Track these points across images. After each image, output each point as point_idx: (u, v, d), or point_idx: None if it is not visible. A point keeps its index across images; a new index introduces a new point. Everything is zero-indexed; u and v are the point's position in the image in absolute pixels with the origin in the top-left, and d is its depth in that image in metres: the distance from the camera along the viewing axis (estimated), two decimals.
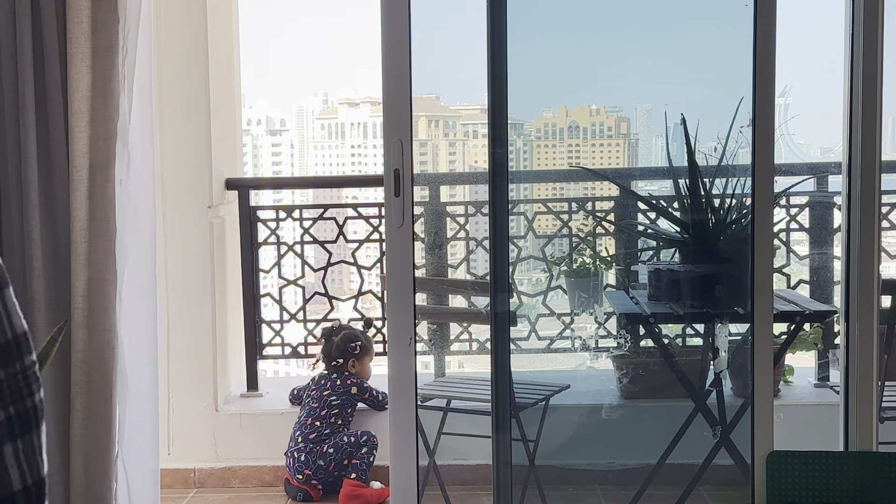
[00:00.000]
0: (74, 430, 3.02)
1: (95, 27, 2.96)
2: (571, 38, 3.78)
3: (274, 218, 4.55)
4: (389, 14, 3.07)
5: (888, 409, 3.59)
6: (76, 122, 2.97)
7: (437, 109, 5.14)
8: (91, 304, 3.01)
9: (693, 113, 3.57)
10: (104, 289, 3.02)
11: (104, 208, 3.01)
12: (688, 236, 3.70)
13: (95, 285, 3.01)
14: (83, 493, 3.03)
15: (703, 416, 3.62)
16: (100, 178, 3.00)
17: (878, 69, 3.05)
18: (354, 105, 14.10)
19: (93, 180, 2.99)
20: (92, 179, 2.99)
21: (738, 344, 3.81)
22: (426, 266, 4.40)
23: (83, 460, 3.03)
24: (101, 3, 2.96)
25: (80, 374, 3.02)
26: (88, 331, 3.01)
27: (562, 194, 4.47)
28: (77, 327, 3.00)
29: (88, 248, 2.99)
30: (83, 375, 3.02)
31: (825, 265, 4.42)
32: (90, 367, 3.02)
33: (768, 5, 3.01)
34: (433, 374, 4.37)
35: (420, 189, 4.46)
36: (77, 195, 2.99)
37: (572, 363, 4.43)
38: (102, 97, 2.98)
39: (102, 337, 3.02)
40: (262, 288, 4.55)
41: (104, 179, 3.00)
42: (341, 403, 4.21)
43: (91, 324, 3.01)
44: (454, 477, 4.08)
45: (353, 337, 4.32)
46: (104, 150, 2.99)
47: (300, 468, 4.10)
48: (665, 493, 3.66)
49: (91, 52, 2.96)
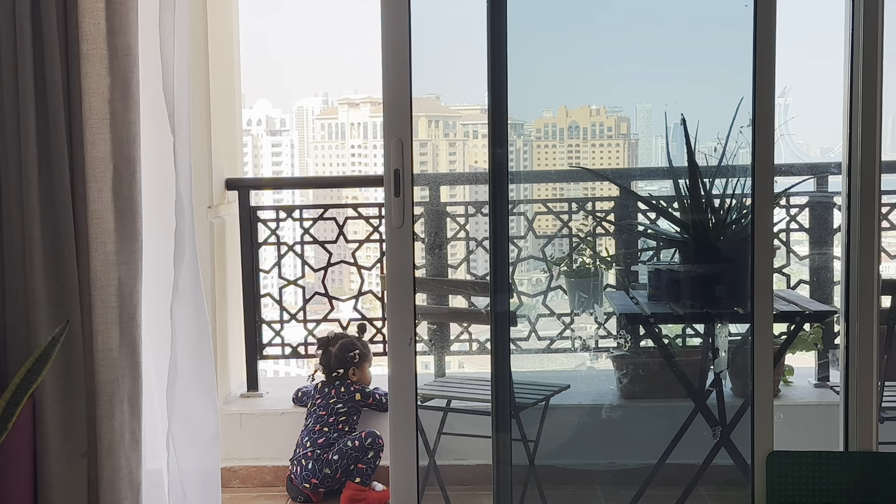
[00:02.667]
0: (115, 425, 3.08)
1: (113, 30, 2.99)
2: (571, 38, 3.78)
3: (274, 218, 4.55)
4: (389, 14, 3.07)
5: (888, 409, 3.59)
6: (96, 124, 3.01)
7: (437, 109, 5.14)
8: (123, 303, 3.08)
9: (693, 113, 3.58)
10: (134, 288, 3.09)
11: (131, 210, 3.07)
12: (688, 236, 3.70)
13: (126, 285, 3.08)
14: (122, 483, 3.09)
15: (703, 416, 3.62)
16: (125, 179, 3.06)
17: (878, 69, 3.05)
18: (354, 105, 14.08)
19: (118, 182, 3.05)
20: (117, 181, 3.05)
21: (738, 344, 3.81)
22: (426, 266, 4.40)
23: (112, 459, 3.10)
24: (117, 6, 2.99)
25: (114, 372, 3.08)
26: (121, 329, 3.08)
27: (562, 194, 4.47)
28: (110, 326, 3.07)
29: (117, 249, 3.05)
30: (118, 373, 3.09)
31: (825, 265, 4.43)
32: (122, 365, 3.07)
33: (768, 6, 3.01)
34: (433, 374, 4.37)
35: (420, 189, 4.46)
36: (101, 196, 3.04)
37: (572, 363, 4.43)
38: (123, 100, 3.02)
39: (134, 335, 3.10)
40: (262, 288, 4.55)
41: (130, 181, 3.06)
42: (348, 410, 4.23)
43: (124, 322, 3.08)
44: (454, 477, 4.08)
45: (351, 346, 4.32)
46: (128, 153, 3.05)
47: (307, 476, 4.10)
48: (665, 493, 3.67)
49: (109, 55, 3.00)
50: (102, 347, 3.06)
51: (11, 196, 3.05)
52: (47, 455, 3.05)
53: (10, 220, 3.07)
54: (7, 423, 2.82)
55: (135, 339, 3.10)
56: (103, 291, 3.05)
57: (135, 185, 3.07)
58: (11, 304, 3.09)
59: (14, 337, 3.09)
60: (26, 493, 3.04)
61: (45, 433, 3.05)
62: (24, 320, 3.07)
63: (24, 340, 3.07)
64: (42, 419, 3.05)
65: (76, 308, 3.05)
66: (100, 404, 3.07)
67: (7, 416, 2.82)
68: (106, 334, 3.06)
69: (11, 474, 2.99)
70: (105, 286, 3.05)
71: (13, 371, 3.03)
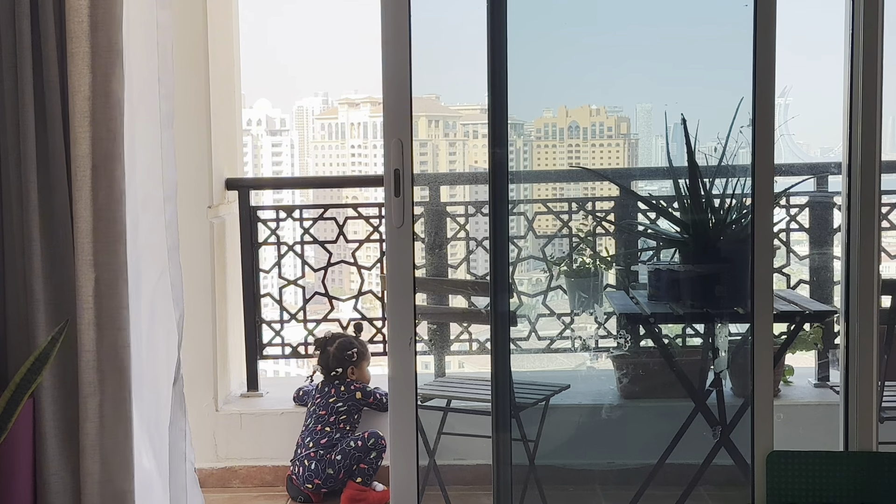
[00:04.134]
0: (89, 428, 3.01)
1: (95, 26, 2.95)
2: (571, 38, 3.78)
3: (274, 218, 4.55)
4: (389, 14, 3.07)
5: (888, 409, 3.59)
6: (79, 122, 2.96)
7: (437, 109, 5.14)
8: (101, 304, 3.00)
9: (693, 113, 3.58)
10: (115, 288, 3.00)
11: (110, 208, 2.99)
12: (688, 236, 3.70)
13: (104, 285, 2.99)
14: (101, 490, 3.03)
15: (703, 416, 3.62)
16: (104, 177, 2.99)
17: (878, 69, 3.05)
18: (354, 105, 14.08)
19: (97, 180, 2.98)
20: (96, 179, 2.97)
21: (738, 344, 3.81)
22: (426, 266, 4.40)
23: (100, 458, 3.03)
24: (100, 3, 2.95)
25: (91, 374, 3.02)
26: (99, 331, 3.01)
27: (562, 194, 4.47)
28: (86, 327, 3.00)
29: (94, 249, 2.98)
30: (97, 375, 3.02)
31: (825, 265, 4.43)
32: (103, 367, 3.03)
33: (768, 5, 3.01)
34: (433, 374, 4.37)
35: (420, 189, 4.46)
36: (81, 195, 2.97)
37: (572, 363, 4.43)
38: (104, 97, 2.97)
39: (117, 336, 3.01)
40: (262, 288, 4.55)
41: (109, 179, 2.99)
42: (348, 409, 4.23)
43: (102, 324, 3.01)
44: (454, 477, 4.08)
45: (349, 345, 4.32)
46: (108, 150, 2.98)
47: (310, 477, 4.10)
48: (665, 493, 3.67)
49: (91, 52, 2.95)
50: (82, 349, 3.00)
51: (12, 196, 3.05)
52: (45, 456, 3.04)
53: (10, 219, 3.06)
54: (7, 423, 2.82)
55: (116, 342, 3.01)
56: (82, 291, 2.98)
57: (114, 185, 2.98)
58: (11, 304, 3.09)
59: (14, 337, 3.09)
60: (26, 493, 3.04)
61: (44, 433, 3.04)
62: (23, 320, 3.06)
63: (24, 340, 3.06)
64: (42, 419, 3.04)
65: (73, 308, 3.03)
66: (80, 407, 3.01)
67: (7, 416, 2.82)
68: (85, 335, 2.99)
69: (11, 474, 2.99)
70: (84, 286, 2.98)
71: (13, 371, 3.03)
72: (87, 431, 3.01)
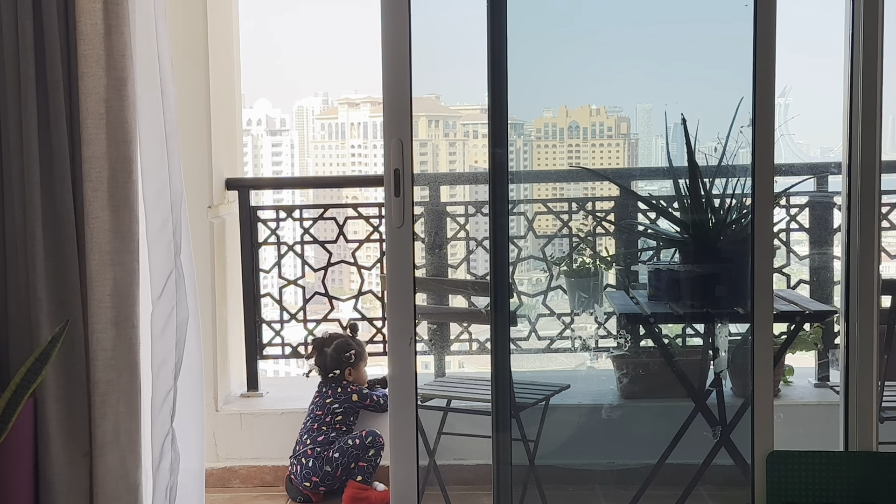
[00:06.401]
0: (107, 426, 3.07)
1: (109, 29, 2.99)
2: (571, 38, 3.79)
3: (274, 218, 4.55)
4: (389, 14, 3.07)
5: (888, 409, 3.59)
6: (93, 123, 3.01)
7: (437, 109, 5.14)
8: (118, 302, 3.06)
9: (693, 113, 3.58)
10: (130, 287, 3.08)
11: (127, 210, 3.06)
12: (688, 236, 3.70)
13: (123, 285, 3.06)
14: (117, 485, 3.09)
15: (703, 416, 3.62)
16: (121, 178, 3.05)
17: (878, 69, 3.05)
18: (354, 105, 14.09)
19: (114, 182, 3.04)
20: (113, 181, 3.04)
21: (738, 344, 3.81)
22: (426, 266, 4.40)
23: (119, 454, 3.09)
24: (113, 6, 2.98)
25: (109, 372, 3.05)
26: (117, 329, 3.07)
27: (562, 194, 4.47)
28: (104, 326, 3.05)
29: (113, 249, 3.04)
30: (114, 373, 3.06)
31: (825, 265, 4.43)
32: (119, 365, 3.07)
33: (768, 5, 3.01)
34: (433, 374, 4.37)
35: (420, 189, 4.46)
36: (97, 196, 3.03)
37: (572, 363, 4.43)
38: (119, 100, 3.01)
39: (131, 334, 3.08)
40: (262, 288, 4.55)
41: (125, 180, 3.05)
42: (344, 411, 4.23)
43: (119, 322, 3.07)
44: (454, 477, 4.08)
45: (346, 346, 4.32)
46: (124, 152, 3.04)
47: (307, 475, 4.11)
48: (665, 493, 3.67)
49: (105, 55, 2.99)
50: (97, 347, 3.05)
51: (14, 195, 3.05)
52: (49, 454, 3.05)
53: (12, 219, 3.07)
54: (7, 423, 2.82)
55: (131, 339, 3.08)
56: (99, 291, 3.04)
57: (131, 186, 3.06)
58: (13, 303, 3.09)
59: (16, 336, 3.09)
60: (28, 493, 3.04)
61: (46, 432, 3.04)
62: (25, 319, 3.07)
63: (26, 339, 3.07)
64: (43, 418, 3.04)
65: (77, 308, 3.05)
66: (95, 404, 3.06)
67: (8, 416, 2.82)
68: (101, 334, 3.05)
69: (12, 473, 2.99)
70: (100, 286, 3.04)
71: (15, 370, 3.03)
72: (105, 429, 3.07)
